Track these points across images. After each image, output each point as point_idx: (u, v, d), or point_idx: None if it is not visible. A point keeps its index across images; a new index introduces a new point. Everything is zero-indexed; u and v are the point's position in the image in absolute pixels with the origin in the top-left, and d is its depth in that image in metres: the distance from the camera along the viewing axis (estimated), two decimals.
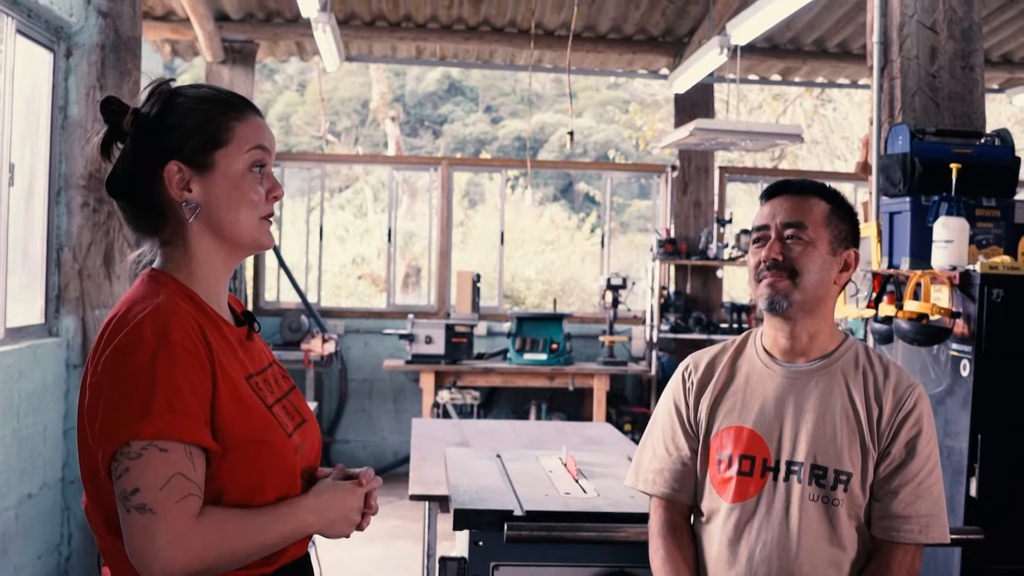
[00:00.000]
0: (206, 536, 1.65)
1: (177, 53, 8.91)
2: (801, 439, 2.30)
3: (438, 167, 9.36)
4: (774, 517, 2.28)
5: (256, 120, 1.87)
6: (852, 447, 2.28)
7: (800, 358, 2.37)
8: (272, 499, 1.78)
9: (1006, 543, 3.66)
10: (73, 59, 4.81)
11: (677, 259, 8.80)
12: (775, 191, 2.40)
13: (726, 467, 2.35)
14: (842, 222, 2.37)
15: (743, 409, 2.37)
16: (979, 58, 4.57)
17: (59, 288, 4.81)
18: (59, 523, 4.73)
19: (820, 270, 2.31)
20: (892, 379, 2.33)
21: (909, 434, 2.28)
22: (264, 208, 1.86)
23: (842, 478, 2.27)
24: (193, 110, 1.82)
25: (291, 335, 8.57)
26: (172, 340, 1.69)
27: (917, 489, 2.26)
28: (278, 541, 1.76)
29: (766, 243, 2.34)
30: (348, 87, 22.13)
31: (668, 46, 8.76)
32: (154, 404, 1.64)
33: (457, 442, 4.35)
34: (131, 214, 1.86)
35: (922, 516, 2.26)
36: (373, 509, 1.92)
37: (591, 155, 20.61)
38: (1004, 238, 4.18)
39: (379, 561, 6.19)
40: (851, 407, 2.30)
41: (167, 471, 1.64)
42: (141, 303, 1.75)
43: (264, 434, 1.78)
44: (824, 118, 16.51)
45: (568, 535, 2.63)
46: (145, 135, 1.81)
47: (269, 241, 1.90)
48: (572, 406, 8.82)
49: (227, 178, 1.82)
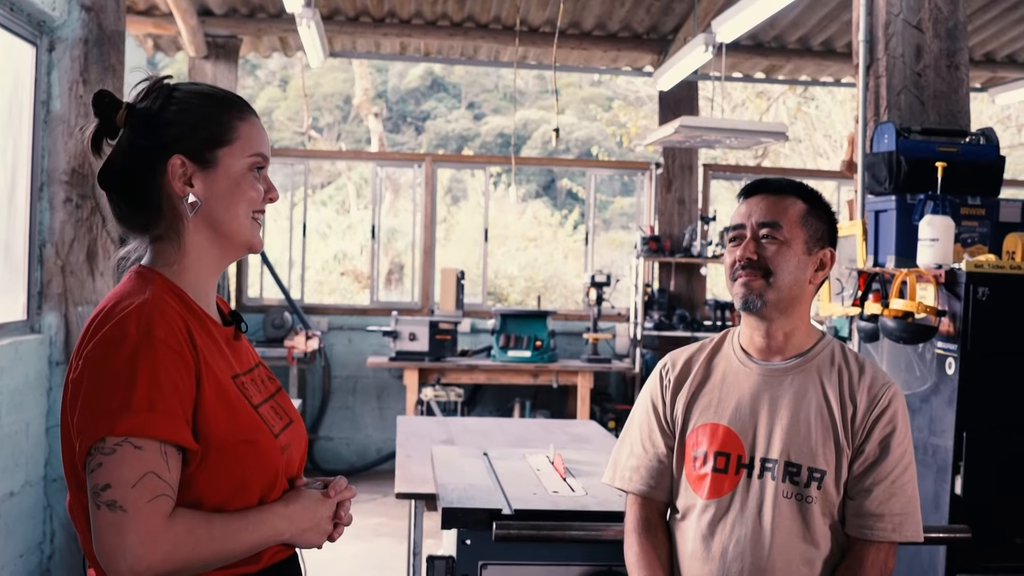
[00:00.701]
0: (176, 538, 1.64)
1: (159, 48, 8.86)
2: (775, 436, 2.31)
3: (422, 164, 9.34)
4: (748, 514, 2.30)
5: (257, 122, 1.88)
6: (826, 445, 2.29)
7: (776, 356, 2.39)
8: (255, 501, 1.77)
9: (990, 541, 3.67)
10: (56, 53, 4.77)
11: (661, 256, 8.81)
12: (752, 190, 2.42)
13: (701, 464, 2.36)
14: (818, 221, 2.38)
15: (719, 406, 2.39)
16: (964, 57, 4.59)
17: (41, 284, 4.77)
18: (41, 521, 4.70)
19: (795, 269, 2.33)
20: (867, 377, 2.35)
21: (883, 432, 2.30)
22: (260, 204, 1.86)
23: (816, 476, 2.28)
24: (197, 106, 1.82)
25: (274, 332, 8.54)
26: (155, 337, 1.67)
27: (891, 487, 2.28)
28: (249, 547, 1.75)
29: (742, 242, 2.35)
30: (330, 83, 22.07)
31: (653, 43, 8.76)
32: (133, 400, 1.63)
33: (443, 440, 4.34)
34: (124, 208, 1.84)
35: (896, 514, 2.27)
36: (345, 520, 1.91)
37: (573, 152, 20.61)
38: (989, 237, 4.20)
39: (362, 558, 6.18)
40: (826, 405, 2.32)
41: (140, 469, 1.62)
42: (127, 299, 1.73)
43: (250, 434, 1.76)
44: (807, 116, 16.55)
45: (557, 534, 2.62)
46: (145, 129, 1.80)
47: (259, 243, 1.90)
48: (556, 403, 8.82)
49: (229, 176, 1.82)
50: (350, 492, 1.92)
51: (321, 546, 1.89)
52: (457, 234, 17.29)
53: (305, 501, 1.84)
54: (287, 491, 1.85)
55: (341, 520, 1.91)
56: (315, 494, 1.87)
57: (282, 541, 1.81)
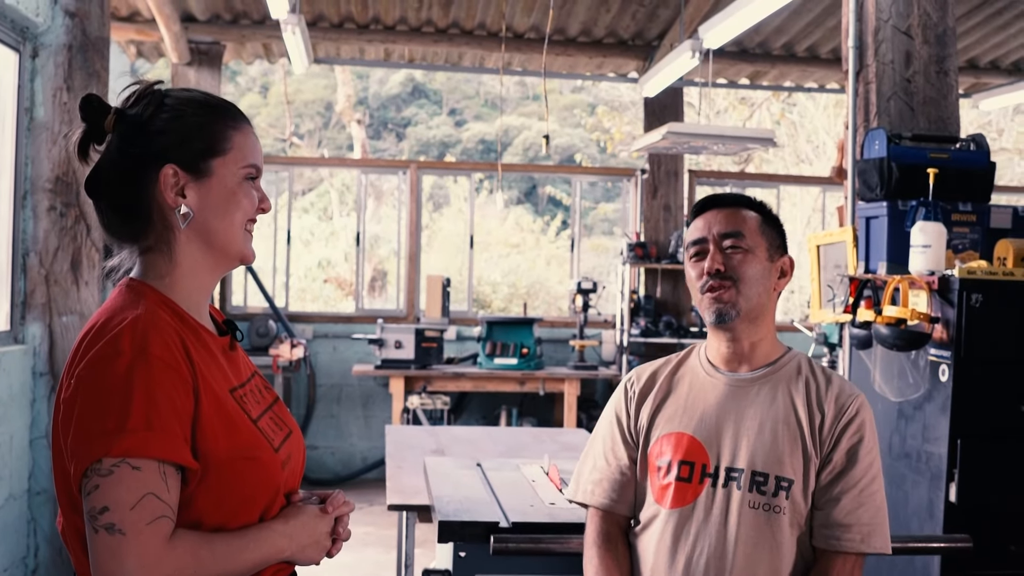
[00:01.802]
0: (178, 560, 1.59)
1: (142, 54, 8.80)
2: (742, 446, 2.30)
3: (407, 170, 9.30)
4: (712, 524, 2.28)
5: (251, 131, 1.84)
6: (794, 454, 2.28)
7: (743, 367, 2.39)
8: (256, 517, 1.73)
9: (985, 549, 3.65)
10: (39, 60, 4.72)
11: (647, 263, 8.80)
12: (705, 205, 2.43)
13: (665, 473, 2.35)
14: (773, 230, 2.41)
15: (684, 416, 2.38)
16: (953, 63, 4.59)
17: (25, 294, 4.71)
18: (25, 535, 4.63)
19: (761, 278, 2.35)
20: (835, 388, 2.35)
21: (851, 441, 2.29)
22: (253, 214, 1.83)
23: (783, 485, 2.26)
24: (190, 115, 1.77)
25: (259, 340, 8.48)
26: (150, 353, 1.62)
27: (859, 497, 2.26)
28: (251, 567, 1.70)
29: (705, 256, 2.36)
30: (312, 89, 22.02)
31: (638, 49, 8.75)
32: (129, 420, 1.57)
33: (433, 450, 4.31)
34: (112, 217, 1.78)
35: (864, 524, 2.25)
36: (343, 535, 1.87)
37: (555, 159, 20.61)
38: (980, 243, 4.19)
39: (350, 568, 6.13)
40: (793, 414, 2.31)
41: (138, 490, 1.57)
42: (119, 314, 1.67)
43: (251, 450, 1.72)
44: (790, 122, 16.60)
45: (556, 547, 2.59)
46: (137, 137, 1.75)
47: (252, 255, 1.85)
48: (542, 411, 8.79)
49: (223, 187, 1.78)
50: (348, 507, 1.88)
51: (319, 562, 1.85)
52: (439, 241, 17.26)
53: (304, 517, 1.80)
54: (284, 507, 1.80)
55: (339, 535, 1.86)
56: (313, 510, 1.82)
57: (283, 559, 1.76)
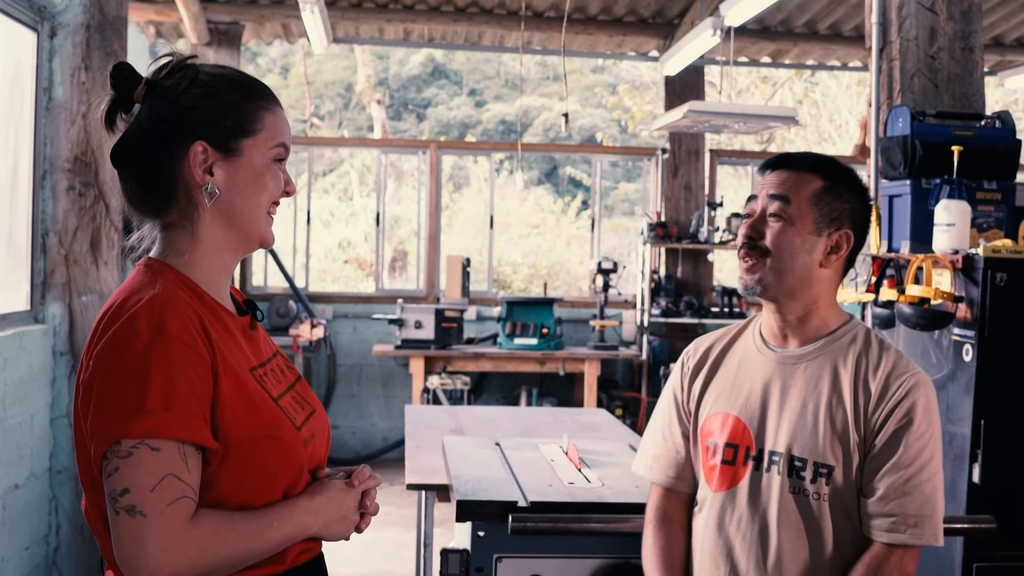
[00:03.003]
0: (200, 540, 1.58)
1: (161, 35, 8.80)
2: (782, 428, 2.20)
3: (427, 150, 9.28)
4: (754, 508, 2.20)
5: (281, 112, 1.81)
6: (835, 439, 2.16)
7: (792, 342, 2.27)
8: (280, 495, 1.71)
9: (1010, 530, 3.62)
10: (57, 40, 4.71)
11: (668, 243, 8.76)
12: (775, 163, 2.30)
13: (712, 455, 2.27)
14: (838, 201, 2.23)
15: (731, 395, 2.29)
16: (979, 39, 4.53)
17: (45, 274, 4.72)
18: (47, 513, 4.65)
19: (798, 251, 2.19)
20: (886, 365, 2.19)
21: (896, 424, 2.14)
22: (279, 197, 1.81)
23: (822, 472, 2.15)
24: (224, 92, 1.75)
25: (279, 320, 8.50)
26: (168, 333, 1.60)
27: (904, 486, 2.12)
28: (276, 545, 1.69)
29: (751, 218, 2.25)
30: (331, 70, 22.00)
31: (658, 28, 8.69)
32: (147, 401, 1.56)
33: (452, 429, 4.30)
34: (136, 189, 1.76)
35: (909, 516, 2.11)
36: (371, 509, 1.84)
37: (576, 139, 20.54)
38: (1005, 221, 4.14)
39: (369, 548, 6.14)
40: (837, 396, 2.18)
41: (158, 471, 1.55)
42: (136, 294, 1.66)
43: (272, 429, 1.70)
44: (813, 101, 16.48)
45: (575, 527, 2.57)
46: (168, 110, 1.72)
47: (272, 238, 1.83)
48: (563, 391, 8.78)
49: (252, 167, 1.76)
50: (375, 480, 1.85)
51: (349, 537, 1.83)
52: (460, 221, 17.25)
53: (330, 492, 1.78)
54: (310, 483, 1.79)
55: (367, 510, 1.84)
56: (339, 484, 1.80)
57: (309, 535, 1.75)
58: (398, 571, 5.72)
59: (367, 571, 5.75)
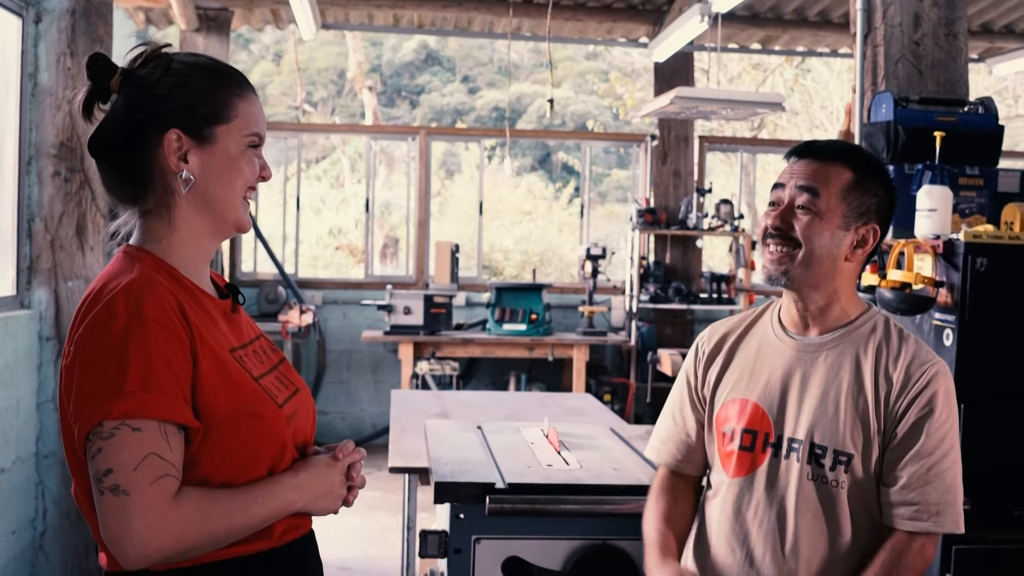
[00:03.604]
0: (184, 518, 1.61)
1: (151, 21, 8.77)
2: (803, 416, 2.20)
3: (416, 136, 9.28)
4: (772, 495, 2.20)
5: (255, 99, 1.84)
6: (855, 427, 2.16)
7: (812, 330, 2.26)
8: (265, 472, 1.75)
9: (989, 513, 3.65)
10: (43, 25, 4.70)
11: (656, 229, 8.78)
12: (802, 151, 2.26)
13: (729, 441, 2.27)
14: (866, 195, 2.21)
15: (750, 381, 2.29)
16: (963, 25, 4.53)
17: (31, 259, 4.72)
18: (33, 498, 4.67)
19: (827, 244, 2.17)
20: (907, 354, 2.18)
21: (918, 414, 2.14)
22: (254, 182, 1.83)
23: (842, 459, 2.16)
24: (197, 80, 1.78)
25: (268, 306, 8.50)
26: (145, 316, 1.64)
27: (926, 475, 2.12)
28: (261, 520, 1.72)
29: (778, 206, 2.22)
30: (324, 57, 21.96)
31: (648, 14, 8.69)
32: (127, 383, 1.59)
33: (437, 413, 4.32)
34: (113, 177, 1.79)
35: (932, 503, 2.12)
36: (358, 482, 1.88)
37: (569, 126, 20.53)
38: (987, 207, 4.15)
39: (357, 532, 6.17)
40: (859, 385, 2.18)
41: (140, 451, 1.59)
42: (115, 280, 1.70)
43: (254, 407, 1.73)
44: (803, 87, 16.48)
45: (550, 508, 2.60)
46: (142, 98, 1.75)
47: (248, 223, 1.86)
48: (552, 377, 8.80)
49: (226, 154, 1.78)
50: (359, 454, 1.89)
51: (337, 511, 1.87)
52: (452, 208, 17.26)
53: (315, 468, 1.82)
54: (296, 460, 1.82)
55: (354, 482, 1.87)
56: (324, 459, 1.84)
57: (296, 511, 1.78)
58: (386, 555, 5.75)
59: (355, 555, 5.77)
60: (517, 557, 2.67)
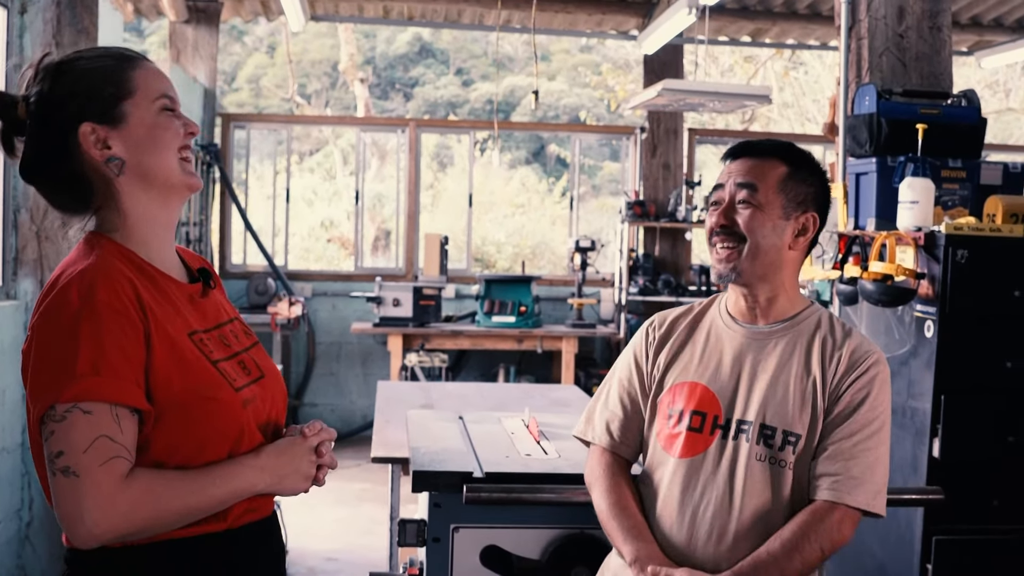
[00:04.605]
0: (133, 498, 1.64)
1: (140, 12, 8.76)
2: (753, 398, 2.30)
3: (406, 129, 9.28)
4: (720, 475, 2.28)
5: (151, 67, 1.85)
6: (803, 410, 2.27)
7: (760, 320, 2.38)
8: (224, 455, 1.77)
9: (968, 503, 3.67)
10: (28, 16, 4.70)
11: (646, 221, 8.79)
12: (737, 151, 2.40)
13: (676, 422, 2.35)
14: (802, 185, 2.35)
15: (700, 366, 2.38)
16: (947, 18, 4.55)
17: (16, 250, 4.72)
18: (19, 488, 4.67)
19: (770, 234, 2.31)
20: (851, 344, 2.32)
21: (855, 396, 2.27)
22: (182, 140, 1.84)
23: (791, 439, 2.26)
24: (88, 71, 1.80)
25: (258, 298, 8.51)
26: (97, 300, 1.67)
27: (852, 450, 2.24)
28: (219, 501, 1.74)
29: (719, 205, 2.35)
30: (318, 49, 21.91)
31: (637, 6, 8.69)
32: (77, 366, 1.63)
33: (422, 404, 4.32)
34: (56, 195, 1.83)
35: (851, 477, 2.22)
36: (327, 460, 1.88)
37: (563, 119, 20.52)
38: (969, 199, 4.18)
39: (346, 523, 6.18)
40: (807, 370, 2.30)
41: (91, 433, 1.62)
42: (71, 267, 1.73)
43: (208, 390, 1.75)
44: (795, 80, 16.49)
45: (527, 496, 2.61)
46: (46, 110, 1.78)
47: (197, 181, 1.87)
48: (541, 369, 8.81)
49: (142, 125, 1.80)
50: (328, 433, 1.90)
51: (307, 490, 1.87)
52: (444, 200, 17.25)
53: (280, 447, 1.83)
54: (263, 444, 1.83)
55: (324, 461, 1.88)
56: (291, 439, 1.85)
57: (260, 491, 1.80)
58: (373, 545, 5.76)
59: (343, 546, 5.79)
60: (495, 546, 2.68)
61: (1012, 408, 3.69)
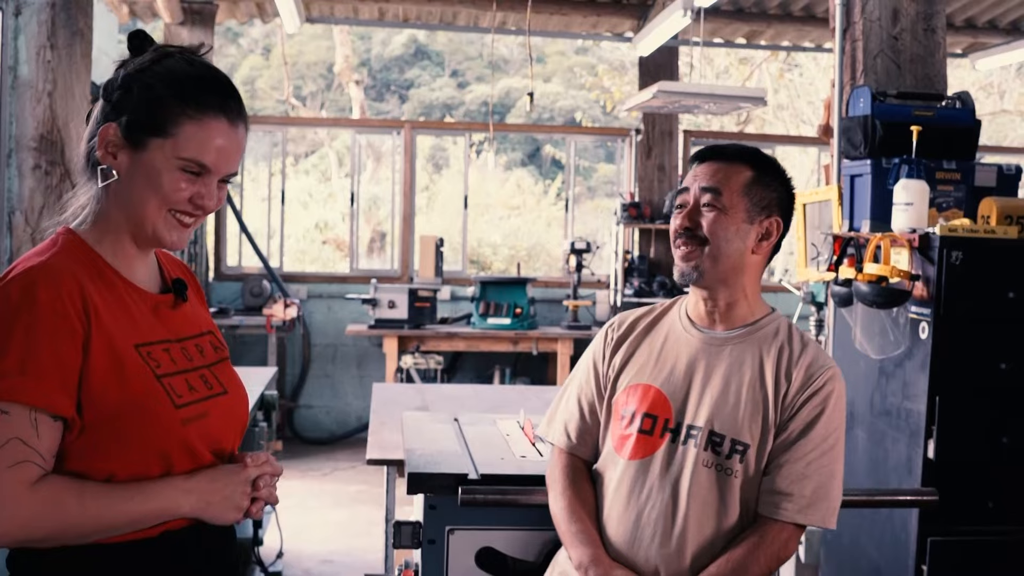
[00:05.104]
0: (36, 505, 1.60)
1: (135, 14, 8.75)
2: (704, 404, 2.31)
3: (401, 131, 9.28)
4: (667, 479, 2.29)
5: (213, 128, 1.76)
6: (754, 419, 2.28)
7: (719, 326, 2.40)
8: (155, 471, 1.71)
9: (963, 505, 3.67)
10: (22, 18, 4.69)
11: (641, 223, 8.79)
12: (704, 156, 2.42)
13: (627, 424, 2.37)
14: (766, 190, 2.37)
15: (654, 368, 2.40)
16: (941, 20, 4.56)
17: (11, 252, 4.71)
18: None
19: (732, 238, 2.33)
20: (807, 357, 2.34)
21: (811, 413, 2.28)
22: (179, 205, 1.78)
23: (738, 448, 2.27)
24: (160, 87, 1.76)
25: (253, 300, 8.50)
26: (38, 300, 1.63)
27: (805, 468, 2.26)
28: (138, 518, 1.69)
29: (684, 208, 2.37)
30: (314, 51, 21.90)
31: (633, 8, 8.70)
32: (3, 364, 1.59)
33: (417, 406, 4.33)
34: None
35: (804, 496, 2.25)
36: (264, 494, 1.83)
37: (559, 120, 20.53)
38: (964, 201, 4.18)
39: (342, 526, 6.18)
40: (760, 380, 2.31)
41: (3, 435, 1.58)
42: (24, 263, 1.70)
43: (143, 402, 1.70)
44: (790, 83, 16.51)
45: (522, 499, 2.61)
46: (116, 83, 1.78)
47: (175, 242, 1.80)
48: (536, 371, 8.81)
49: (151, 166, 1.75)
50: (272, 468, 1.85)
51: (238, 521, 1.82)
52: (440, 202, 17.25)
53: (214, 473, 1.78)
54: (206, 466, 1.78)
55: (260, 495, 1.82)
56: (228, 467, 1.80)
57: (184, 514, 1.74)
58: (369, 547, 5.76)
59: (339, 548, 5.78)
60: (491, 548, 2.69)
61: (1007, 410, 3.69)
